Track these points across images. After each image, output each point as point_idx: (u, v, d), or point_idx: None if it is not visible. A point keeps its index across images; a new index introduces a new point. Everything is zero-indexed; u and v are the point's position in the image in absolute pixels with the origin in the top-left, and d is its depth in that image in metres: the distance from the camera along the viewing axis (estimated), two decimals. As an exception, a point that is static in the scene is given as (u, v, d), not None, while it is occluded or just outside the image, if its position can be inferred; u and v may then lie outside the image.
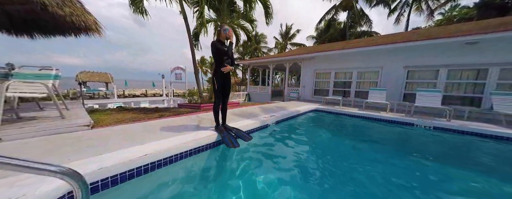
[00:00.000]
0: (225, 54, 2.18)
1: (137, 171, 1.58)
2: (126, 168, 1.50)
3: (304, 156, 2.38)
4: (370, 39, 9.68)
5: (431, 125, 3.90)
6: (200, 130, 2.52)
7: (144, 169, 1.62)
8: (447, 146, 3.20)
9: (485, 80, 4.80)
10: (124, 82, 22.04)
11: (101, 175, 1.35)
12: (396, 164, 2.29)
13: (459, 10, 15.15)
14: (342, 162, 2.34)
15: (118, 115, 3.69)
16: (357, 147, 2.98)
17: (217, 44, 2.15)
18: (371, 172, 2.02)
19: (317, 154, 2.52)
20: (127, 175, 1.51)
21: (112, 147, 1.76)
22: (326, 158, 2.43)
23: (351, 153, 2.69)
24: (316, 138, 3.32)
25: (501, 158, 2.69)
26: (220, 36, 2.23)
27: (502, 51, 4.54)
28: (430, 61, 5.54)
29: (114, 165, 1.43)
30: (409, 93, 5.91)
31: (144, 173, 1.63)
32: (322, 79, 8.43)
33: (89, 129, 2.44)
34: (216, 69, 2.25)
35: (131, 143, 1.89)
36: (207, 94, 6.48)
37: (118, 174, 1.45)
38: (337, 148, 2.90)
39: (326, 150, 2.68)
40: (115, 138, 2.10)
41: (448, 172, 2.12)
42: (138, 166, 1.58)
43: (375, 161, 2.37)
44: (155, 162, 1.71)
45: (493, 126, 3.66)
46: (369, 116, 4.81)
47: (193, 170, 1.87)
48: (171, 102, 10.65)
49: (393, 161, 2.40)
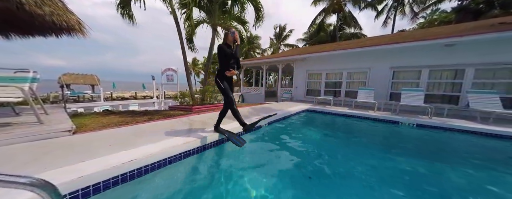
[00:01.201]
0: (233, 57, 2.20)
1: (122, 178, 1.52)
2: (110, 175, 1.45)
3: (297, 155, 2.41)
4: (359, 41, 10.05)
5: (415, 122, 4.11)
6: (191, 132, 2.48)
7: (129, 175, 1.57)
8: (428, 141, 3.40)
9: (462, 80, 5.15)
10: (112, 84, 21.15)
11: (81, 184, 1.28)
12: (381, 160, 2.39)
13: (439, 14, 16.16)
14: (333, 158, 2.40)
15: (104, 118, 3.53)
16: (346, 144, 3.08)
17: (224, 47, 2.18)
18: (358, 167, 2.10)
19: (309, 152, 2.57)
20: (111, 182, 1.45)
21: (95, 153, 1.68)
22: (318, 155, 2.48)
23: (340, 150, 2.77)
24: (308, 137, 3.38)
25: (475, 151, 2.90)
26: (227, 40, 2.26)
27: (476, 53, 4.90)
28: (414, 62, 5.85)
29: (96, 173, 1.37)
30: (395, 93, 6.19)
31: (130, 179, 1.57)
32: (314, 80, 8.61)
33: (71, 134, 2.31)
34: (220, 72, 2.24)
35: (116, 148, 1.82)
36: (199, 96, 6.37)
37: (101, 182, 1.39)
38: (328, 146, 2.98)
39: (318, 148, 2.73)
40: (99, 143, 2.01)
41: (429, 165, 2.25)
42: (123, 172, 1.53)
43: (362, 157, 2.46)
44: (142, 168, 1.66)
45: (469, 122, 3.94)
46: (358, 114, 4.99)
47: (183, 174, 1.83)
48: (163, 104, 10.33)
49: (378, 156, 2.50)
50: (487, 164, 2.38)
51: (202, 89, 6.37)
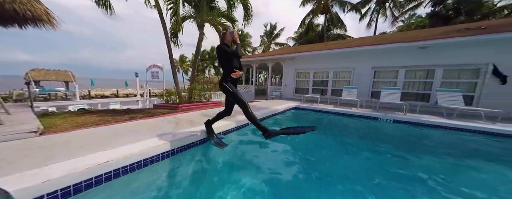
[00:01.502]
0: (235, 56, 2.02)
1: (96, 180, 1.43)
2: (82, 178, 1.35)
3: (284, 150, 2.48)
4: (345, 42, 10.49)
5: (391, 118, 4.45)
6: (175, 131, 2.40)
7: (105, 177, 1.48)
8: (403, 135, 3.71)
9: (433, 80, 5.66)
10: (90, 81, 19.54)
11: (47, 189, 1.18)
12: (362, 152, 2.56)
13: (415, 18, 17.48)
14: (318, 152, 2.51)
15: (79, 118, 3.26)
16: (331, 139, 3.23)
17: (224, 47, 1.99)
18: (340, 159, 2.23)
19: (296, 147, 2.64)
20: (84, 185, 1.36)
21: (65, 155, 1.56)
22: (304, 149, 2.57)
23: (325, 144, 2.90)
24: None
25: (442, 142, 3.25)
26: (225, 40, 2.06)
27: (445, 55, 5.41)
28: (392, 63, 6.28)
29: (65, 176, 1.28)
30: (375, 91, 6.61)
31: (106, 181, 1.48)
32: (303, 79, 8.83)
33: (37, 135, 2.10)
34: (225, 75, 2.04)
35: (90, 150, 1.69)
36: (186, 94, 6.17)
37: (71, 186, 1.30)
38: (313, 140, 3.09)
39: (304, 143, 2.82)
40: (71, 144, 1.86)
41: (403, 155, 2.47)
42: (97, 174, 1.44)
43: (344, 149, 2.62)
44: (120, 169, 1.59)
45: (437, 117, 4.36)
46: (342, 112, 5.24)
47: (164, 175, 1.77)
48: (147, 102, 9.79)
49: (359, 149, 2.67)
50: (449, 153, 2.68)
51: (190, 87, 6.17)
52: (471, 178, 2.02)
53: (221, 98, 10.86)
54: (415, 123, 4.18)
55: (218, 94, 10.60)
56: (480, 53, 4.96)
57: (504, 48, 4.68)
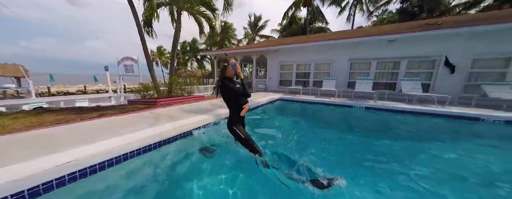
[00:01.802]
0: (245, 95, 1.77)
1: (43, 187, 1.31)
2: (33, 183, 1.22)
3: (270, 137, 2.56)
4: (325, 35, 10.87)
5: (363, 106, 4.91)
6: (151, 127, 2.28)
7: (56, 183, 1.35)
8: (373, 119, 4.16)
9: (398, 70, 6.33)
10: (49, 76, 16.91)
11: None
12: (337, 134, 2.81)
13: (387, 14, 18.85)
14: (302, 137, 2.67)
15: (34, 118, 2.84)
16: (312, 125, 3.45)
17: (228, 83, 1.67)
18: (317, 141, 2.44)
19: (281, 133, 2.75)
20: (34, 191, 1.23)
21: (12, 159, 1.36)
22: (289, 135, 2.69)
23: (306, 129, 3.10)
24: (278, 121, 3.61)
25: (405, 124, 3.75)
26: (227, 73, 1.72)
27: (408, 48, 6.04)
28: (366, 55, 6.79)
29: (11, 181, 1.13)
30: (351, 82, 7.14)
31: (59, 186, 1.36)
32: (286, 71, 9.01)
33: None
34: (232, 117, 1.79)
35: (43, 152, 1.51)
36: (165, 89, 5.80)
37: (25, 190, 1.15)
38: (295, 127, 3.27)
39: (288, 129, 2.96)
40: (19, 147, 1.63)
41: (373, 136, 2.79)
42: (44, 181, 1.29)
43: (323, 133, 2.86)
44: (87, 168, 1.47)
45: (400, 103, 4.96)
46: (322, 101, 5.58)
47: (137, 173, 1.69)
48: (122, 99, 8.92)
49: (336, 132, 2.92)
50: (407, 131, 3.11)
51: (169, 80, 5.78)
52: (423, 150, 2.41)
53: (205, 92, 10.51)
54: (383, 109, 4.70)
55: (201, 88, 10.22)
56: (435, 46, 5.66)
57: (451, 42, 5.42)
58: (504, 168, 1.95)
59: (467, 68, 5.33)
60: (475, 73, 5.32)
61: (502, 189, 1.56)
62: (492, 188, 1.61)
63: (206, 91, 10.67)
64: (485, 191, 1.58)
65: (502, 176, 1.81)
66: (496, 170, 1.94)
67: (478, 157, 2.20)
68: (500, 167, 1.97)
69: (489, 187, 1.64)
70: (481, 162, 2.09)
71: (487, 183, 1.70)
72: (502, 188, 1.57)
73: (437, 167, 1.93)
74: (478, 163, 2.09)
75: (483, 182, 1.72)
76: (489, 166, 2.02)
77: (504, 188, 1.57)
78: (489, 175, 1.86)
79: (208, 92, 10.97)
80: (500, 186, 1.60)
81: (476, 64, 5.29)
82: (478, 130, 3.41)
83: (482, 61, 5.21)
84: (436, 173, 1.80)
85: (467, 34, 5.18)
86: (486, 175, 1.85)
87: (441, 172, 1.85)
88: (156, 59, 27.25)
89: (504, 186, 1.59)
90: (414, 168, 1.86)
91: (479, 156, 2.22)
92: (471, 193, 1.54)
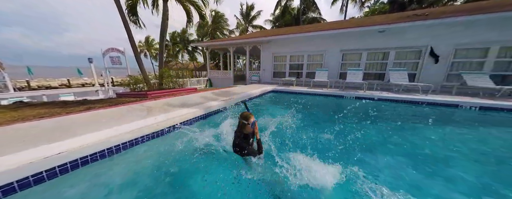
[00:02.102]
0: (258, 152, 1.69)
1: (48, 174, 1.29)
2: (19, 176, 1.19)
3: (261, 128, 2.61)
4: (318, 25, 10.77)
5: (354, 95, 5.09)
6: (144, 119, 2.24)
7: (47, 175, 1.33)
8: (362, 108, 4.35)
9: (387, 61, 6.52)
10: (27, 69, 15.61)
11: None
12: (325, 123, 2.93)
13: (378, 5, 18.85)
14: (295, 125, 2.76)
15: (14, 112, 2.67)
16: (303, 115, 3.54)
17: (242, 143, 1.64)
18: (313, 130, 2.54)
19: (272, 123, 2.81)
20: (32, 180, 1.21)
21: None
22: (283, 125, 2.77)
23: (300, 119, 3.20)
24: (271, 111, 3.67)
25: (390, 110, 3.98)
26: (244, 130, 1.67)
27: (397, 38, 6.18)
28: (357, 45, 6.88)
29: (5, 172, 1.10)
30: (343, 73, 7.29)
31: (49, 178, 1.36)
32: (280, 62, 8.97)
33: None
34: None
35: (30, 143, 1.46)
36: (156, 82, 5.60)
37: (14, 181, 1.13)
38: (289, 117, 3.35)
39: (280, 120, 3.03)
40: (3, 140, 1.56)
41: (362, 124, 2.95)
42: (33, 173, 1.27)
43: (315, 122, 2.96)
44: (78, 160, 1.44)
45: (388, 93, 5.19)
46: (314, 92, 5.70)
47: (132, 164, 1.69)
48: (110, 92, 8.51)
49: (327, 121, 3.05)
50: (396, 119, 3.31)
51: (160, 72, 5.56)
52: (407, 133, 2.59)
53: (198, 85, 10.31)
54: (371, 98, 4.91)
55: (194, 81, 9.99)
56: (421, 37, 5.83)
57: (436, 32, 5.61)
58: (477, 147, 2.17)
59: (450, 57, 5.60)
60: (456, 63, 5.62)
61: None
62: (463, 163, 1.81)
63: (199, 84, 10.45)
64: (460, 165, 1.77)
65: (472, 154, 2.03)
66: (469, 149, 2.15)
67: (453, 138, 2.42)
68: (475, 147, 2.19)
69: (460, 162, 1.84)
70: (458, 143, 2.31)
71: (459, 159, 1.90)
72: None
73: (416, 147, 2.11)
74: (455, 143, 2.30)
75: (454, 157, 1.92)
76: (464, 145, 2.24)
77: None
78: (465, 153, 2.06)
79: (202, 85, 10.76)
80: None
81: (458, 54, 5.56)
82: (456, 115, 3.70)
83: (464, 51, 5.49)
84: (414, 150, 1.97)
85: (451, 25, 5.37)
86: (462, 153, 2.05)
87: (418, 150, 2.02)
88: (145, 50, 25.85)
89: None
90: (395, 149, 2.02)
91: (454, 137, 2.44)
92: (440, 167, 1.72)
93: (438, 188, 1.46)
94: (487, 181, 1.58)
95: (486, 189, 1.48)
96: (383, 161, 1.87)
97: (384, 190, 1.32)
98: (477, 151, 2.19)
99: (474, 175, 1.64)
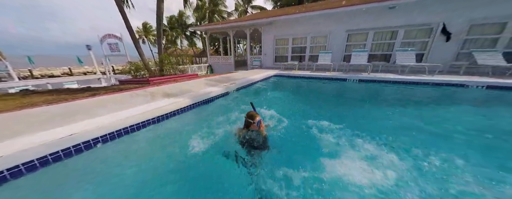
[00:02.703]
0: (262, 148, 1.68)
1: (64, 153, 1.42)
2: (40, 154, 1.32)
3: (263, 113, 2.69)
4: (322, 3, 9.96)
5: (357, 78, 5.00)
6: (149, 103, 2.31)
7: (75, 150, 1.46)
8: (366, 91, 4.34)
9: (395, 40, 6.18)
10: (27, 59, 15.63)
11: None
12: (328, 106, 2.98)
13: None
14: (297, 108, 2.84)
15: (23, 99, 2.79)
16: (306, 99, 3.60)
17: (244, 135, 1.67)
18: (315, 113, 2.61)
19: (276, 108, 2.87)
20: (50, 158, 1.34)
21: (12, 134, 1.43)
22: (285, 108, 2.84)
23: (302, 102, 3.26)
24: (274, 97, 3.71)
25: (396, 94, 3.95)
26: (250, 128, 1.71)
27: (408, 15, 5.73)
28: (364, 25, 6.46)
29: (17, 152, 1.22)
30: (347, 55, 7.02)
31: (66, 157, 1.48)
32: (282, 46, 8.63)
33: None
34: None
35: (44, 126, 1.58)
36: (156, 68, 5.58)
37: (26, 162, 1.27)
38: (291, 101, 3.41)
39: (282, 104, 3.10)
40: (16, 123, 1.69)
41: (366, 107, 2.99)
42: (63, 148, 1.40)
43: (318, 105, 3.02)
44: (90, 141, 1.56)
45: (393, 74, 5.06)
46: (317, 76, 5.61)
47: (142, 144, 1.82)
48: (112, 80, 8.60)
49: (330, 104, 3.09)
50: (399, 102, 3.31)
51: (160, 58, 5.49)
52: (410, 115, 2.63)
53: (199, 71, 10.23)
54: (375, 80, 4.82)
55: (194, 67, 9.89)
56: (434, 13, 5.38)
57: (451, 6, 5.14)
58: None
59: (463, 34, 5.25)
60: (469, 40, 5.29)
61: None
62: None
63: (199, 71, 10.37)
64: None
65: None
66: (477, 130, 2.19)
67: (456, 117, 2.44)
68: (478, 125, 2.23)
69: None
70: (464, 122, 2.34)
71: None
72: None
73: (414, 126, 2.16)
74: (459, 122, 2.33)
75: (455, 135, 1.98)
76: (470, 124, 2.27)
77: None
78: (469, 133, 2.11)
79: (202, 71, 10.67)
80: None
81: (472, 30, 5.19)
82: (462, 95, 3.65)
83: (479, 27, 5.10)
84: (411, 131, 2.03)
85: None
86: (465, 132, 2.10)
87: (414, 130, 2.08)
88: (143, 37, 25.04)
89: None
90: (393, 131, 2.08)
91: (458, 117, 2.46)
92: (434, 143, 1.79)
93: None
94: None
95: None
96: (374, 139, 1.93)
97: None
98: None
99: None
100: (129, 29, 5.03)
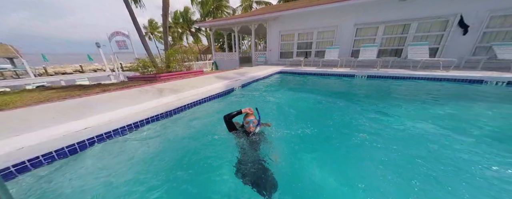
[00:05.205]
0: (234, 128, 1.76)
1: (79, 145, 1.47)
2: (63, 144, 1.37)
3: (267, 112, 2.67)
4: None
5: (366, 74, 4.85)
6: (157, 99, 2.36)
7: (89, 142, 1.52)
8: (374, 87, 4.20)
9: (407, 34, 5.89)
10: (41, 56, 16.24)
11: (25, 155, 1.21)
12: (338, 103, 2.91)
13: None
14: (303, 106, 2.80)
15: (40, 94, 2.92)
16: (313, 95, 3.52)
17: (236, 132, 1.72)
18: (321, 111, 2.55)
19: (281, 105, 2.86)
20: (67, 150, 1.39)
21: (35, 126, 1.51)
22: (287, 108, 2.81)
23: (307, 101, 3.20)
24: (280, 93, 3.67)
25: (408, 91, 3.82)
26: (247, 129, 1.70)
27: (422, 7, 5.41)
28: (374, 18, 6.18)
29: (42, 143, 1.27)
30: (355, 50, 6.79)
31: (81, 149, 1.54)
32: (287, 41, 8.47)
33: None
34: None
35: (63, 119, 1.64)
36: (163, 65, 5.62)
37: (53, 151, 1.32)
38: (297, 99, 3.36)
39: (287, 102, 3.07)
40: (37, 117, 1.76)
41: (374, 104, 2.90)
42: (79, 140, 1.45)
43: (325, 102, 2.97)
44: (103, 134, 1.60)
45: (404, 70, 4.86)
46: (324, 72, 5.49)
47: (149, 139, 1.84)
48: (121, 77, 8.84)
49: (337, 101, 3.02)
50: (410, 97, 3.19)
51: (166, 54, 5.53)
52: (422, 112, 2.53)
53: (204, 67, 10.27)
54: (385, 76, 4.65)
55: (200, 64, 9.93)
56: (451, 4, 5.04)
57: None
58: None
59: (482, 27, 4.92)
60: (489, 33, 4.95)
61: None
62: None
63: (205, 67, 10.41)
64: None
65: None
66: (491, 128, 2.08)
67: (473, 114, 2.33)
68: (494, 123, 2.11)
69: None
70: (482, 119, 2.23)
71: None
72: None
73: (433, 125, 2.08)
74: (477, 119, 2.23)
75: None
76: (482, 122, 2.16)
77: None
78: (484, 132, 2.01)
79: (207, 68, 10.71)
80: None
81: (492, 22, 4.84)
82: (479, 92, 3.44)
83: (500, 19, 4.75)
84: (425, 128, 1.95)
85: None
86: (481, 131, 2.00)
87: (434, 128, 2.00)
88: (149, 33, 25.31)
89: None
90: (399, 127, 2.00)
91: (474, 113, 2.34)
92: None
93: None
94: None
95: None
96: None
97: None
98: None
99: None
100: (136, 26, 5.08)
